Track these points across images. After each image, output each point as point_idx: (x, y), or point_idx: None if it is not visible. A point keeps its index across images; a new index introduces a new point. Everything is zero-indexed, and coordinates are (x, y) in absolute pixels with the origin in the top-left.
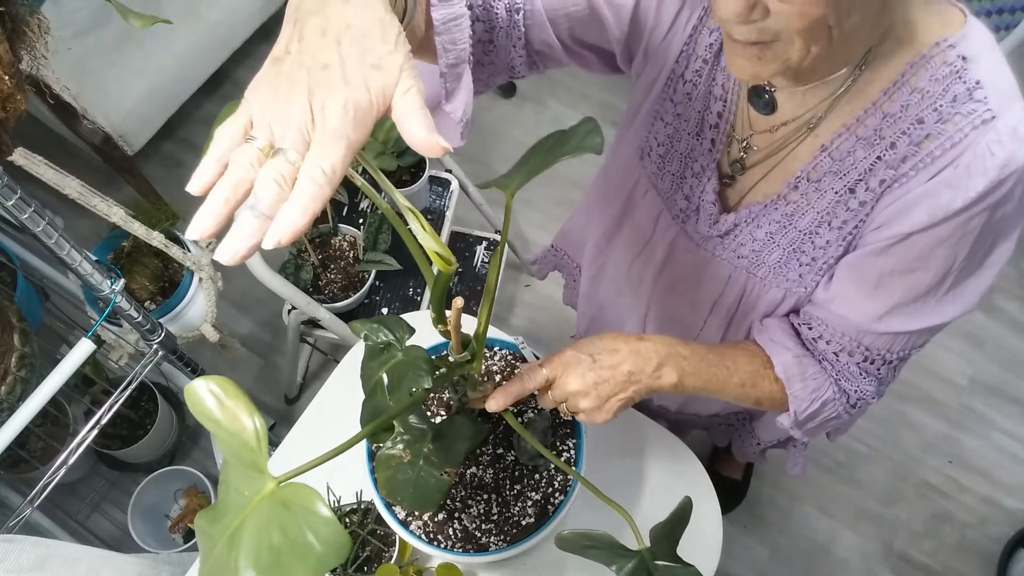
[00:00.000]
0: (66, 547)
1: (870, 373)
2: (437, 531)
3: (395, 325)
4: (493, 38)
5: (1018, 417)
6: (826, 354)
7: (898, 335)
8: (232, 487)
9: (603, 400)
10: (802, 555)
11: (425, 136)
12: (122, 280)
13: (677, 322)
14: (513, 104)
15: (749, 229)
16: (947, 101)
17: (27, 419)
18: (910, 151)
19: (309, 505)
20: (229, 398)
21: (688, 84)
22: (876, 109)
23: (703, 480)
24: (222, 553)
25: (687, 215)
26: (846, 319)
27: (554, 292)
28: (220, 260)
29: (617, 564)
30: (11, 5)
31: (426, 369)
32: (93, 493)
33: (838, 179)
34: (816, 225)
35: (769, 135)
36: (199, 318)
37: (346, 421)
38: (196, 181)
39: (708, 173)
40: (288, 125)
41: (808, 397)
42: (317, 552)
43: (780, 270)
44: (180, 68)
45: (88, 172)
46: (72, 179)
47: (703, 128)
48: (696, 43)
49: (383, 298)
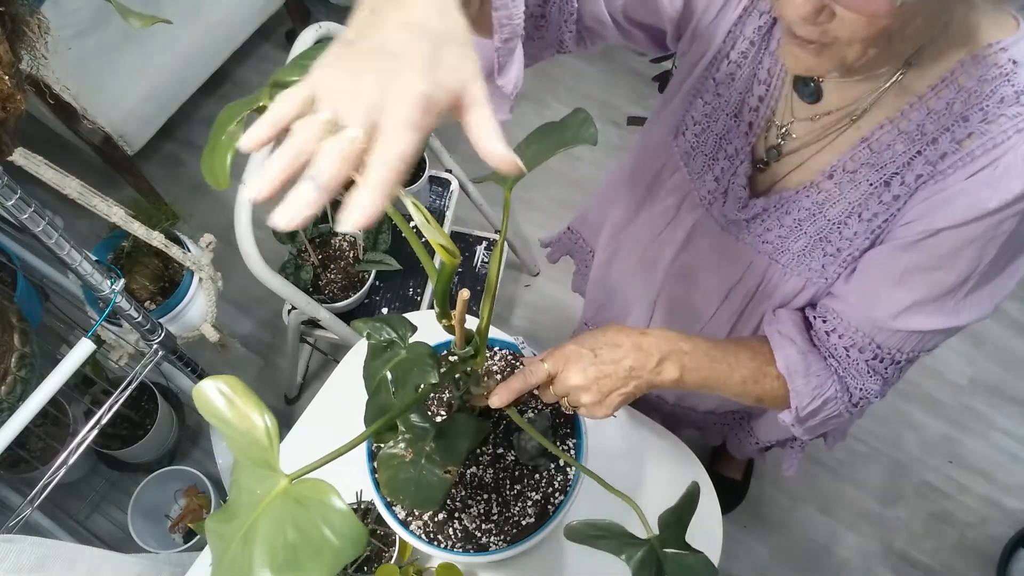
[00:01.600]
0: (66, 547)
1: (877, 372)
2: (437, 531)
3: (398, 323)
4: (546, 12)
5: (1018, 417)
6: (836, 349)
7: (912, 334)
8: (244, 487)
9: (604, 395)
10: (802, 555)
11: (503, 152)
12: (122, 280)
13: (687, 310)
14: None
15: (777, 215)
16: (994, 102)
17: (27, 419)
18: (951, 148)
19: (324, 499)
20: (238, 397)
21: (732, 64)
22: (921, 104)
23: (703, 480)
24: (236, 553)
25: (714, 197)
26: (863, 313)
27: (554, 292)
28: (275, 225)
29: (627, 553)
30: (11, 5)
31: (431, 364)
32: (93, 493)
33: (874, 171)
34: (846, 216)
35: (810, 123)
36: (199, 318)
37: (346, 421)
38: (249, 138)
39: (742, 156)
40: (356, 105)
41: (810, 393)
42: (334, 546)
43: (803, 259)
44: (180, 68)
45: (88, 172)
46: (72, 179)
47: (742, 110)
48: (745, 24)
49: (383, 298)
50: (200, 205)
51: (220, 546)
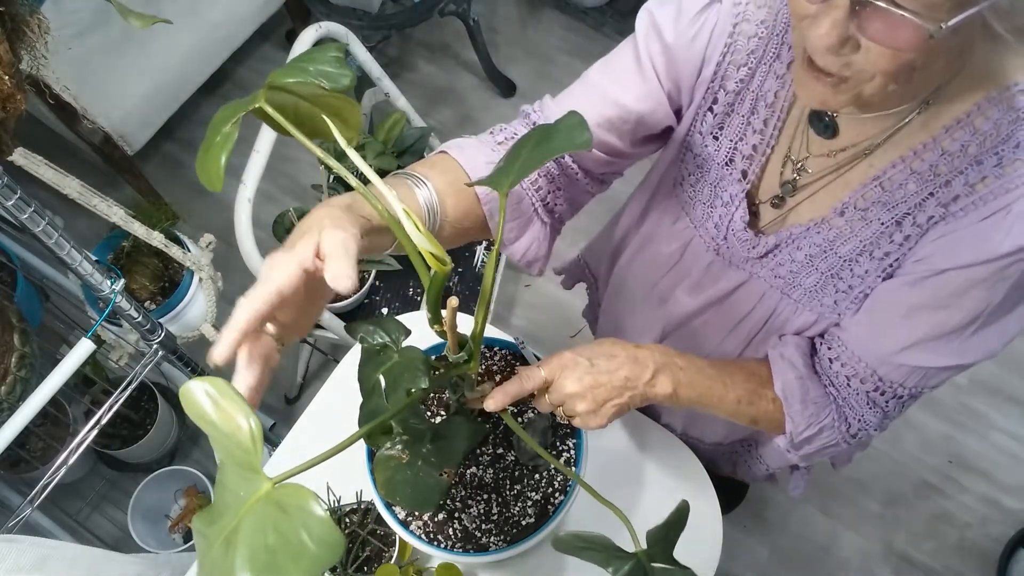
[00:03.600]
0: (66, 547)
1: (877, 404)
2: (437, 531)
3: (391, 327)
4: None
5: (1018, 417)
6: (838, 377)
7: (915, 369)
8: (228, 488)
9: (599, 404)
10: (802, 555)
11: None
12: (122, 280)
13: (697, 339)
14: (513, 104)
15: (789, 251)
16: (1010, 147)
17: (27, 419)
18: (964, 191)
19: (304, 505)
20: (224, 399)
21: (719, 116)
22: (936, 145)
23: (703, 480)
24: (219, 555)
25: (718, 243)
26: (868, 345)
27: (554, 292)
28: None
29: (614, 566)
30: (11, 5)
31: (423, 369)
32: (93, 493)
33: (886, 210)
34: (857, 253)
35: (825, 159)
36: (199, 318)
37: (346, 421)
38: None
39: (737, 202)
40: None
41: (806, 420)
42: (312, 552)
43: (815, 294)
44: (180, 68)
45: (88, 172)
46: (72, 179)
47: (734, 158)
48: (724, 79)
49: (383, 298)
50: (200, 205)
51: (204, 546)
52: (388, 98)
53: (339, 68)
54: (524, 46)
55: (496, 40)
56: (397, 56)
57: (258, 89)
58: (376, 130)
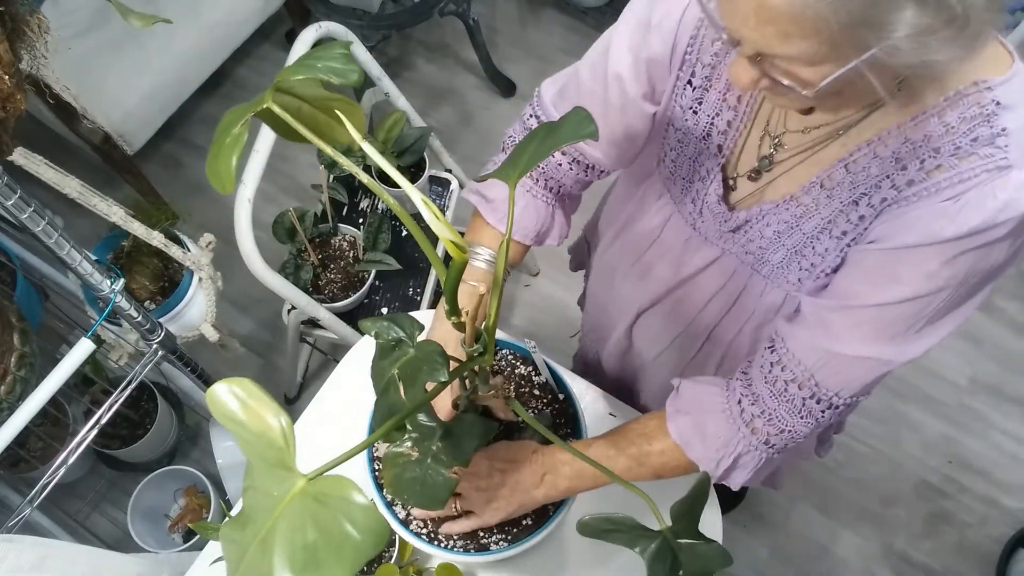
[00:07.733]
0: (66, 547)
1: (812, 413)
2: (437, 531)
3: (406, 322)
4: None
5: (1018, 417)
6: (776, 383)
7: (853, 369)
8: (259, 490)
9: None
10: (802, 555)
11: None
12: (122, 280)
13: (671, 316)
14: (513, 104)
15: (759, 227)
16: (968, 140)
17: (27, 419)
18: (918, 176)
19: (345, 495)
20: (252, 399)
21: (698, 90)
22: (900, 133)
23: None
24: (254, 559)
25: (694, 218)
26: (809, 343)
27: (554, 292)
28: None
29: (640, 545)
30: (11, 5)
31: (442, 362)
32: (93, 493)
33: (847, 191)
34: (819, 231)
35: (801, 135)
36: (199, 318)
37: (346, 421)
38: None
39: (712, 176)
40: None
41: (715, 455)
42: (355, 541)
43: (781, 271)
44: (180, 68)
45: (88, 172)
46: (72, 179)
47: (711, 133)
48: (700, 51)
49: (383, 298)
50: (200, 205)
51: (235, 553)
52: (388, 98)
53: (347, 64)
54: (524, 46)
55: (496, 40)
56: (397, 56)
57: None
58: (376, 130)
